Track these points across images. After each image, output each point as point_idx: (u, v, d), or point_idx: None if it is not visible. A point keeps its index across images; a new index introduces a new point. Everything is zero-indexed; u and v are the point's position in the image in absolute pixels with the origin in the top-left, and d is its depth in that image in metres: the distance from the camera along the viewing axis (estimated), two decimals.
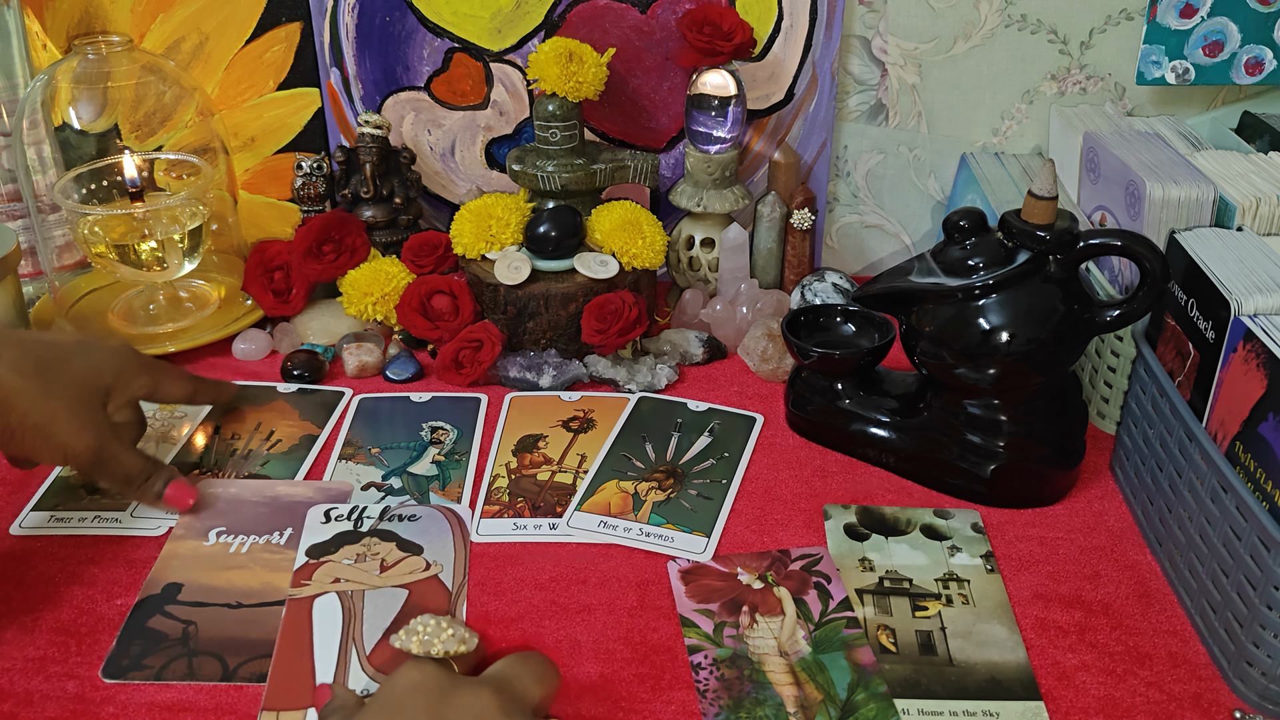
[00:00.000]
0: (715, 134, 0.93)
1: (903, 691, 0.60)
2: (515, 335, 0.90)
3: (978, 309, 0.69)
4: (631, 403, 0.85)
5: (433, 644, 0.55)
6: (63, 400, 0.66)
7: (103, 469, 0.68)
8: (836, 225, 1.05)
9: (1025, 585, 0.68)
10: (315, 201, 0.97)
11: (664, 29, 0.96)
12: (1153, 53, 0.91)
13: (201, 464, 0.78)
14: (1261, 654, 0.57)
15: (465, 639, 0.56)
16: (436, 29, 0.97)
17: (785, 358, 0.89)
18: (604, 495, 0.75)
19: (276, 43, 0.99)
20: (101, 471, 0.68)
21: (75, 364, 0.68)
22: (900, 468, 0.78)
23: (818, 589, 0.67)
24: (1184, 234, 0.72)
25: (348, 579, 0.67)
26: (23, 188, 0.93)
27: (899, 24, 0.95)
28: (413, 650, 0.55)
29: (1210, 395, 0.65)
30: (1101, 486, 0.77)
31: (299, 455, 0.79)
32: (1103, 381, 0.81)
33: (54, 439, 0.65)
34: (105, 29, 0.97)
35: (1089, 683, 0.61)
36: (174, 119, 0.99)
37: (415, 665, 0.53)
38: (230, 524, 0.72)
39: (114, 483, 0.69)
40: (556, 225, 0.88)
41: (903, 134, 1.00)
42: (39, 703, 0.59)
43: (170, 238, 0.91)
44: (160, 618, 0.64)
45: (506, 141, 1.02)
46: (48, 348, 0.68)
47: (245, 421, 0.83)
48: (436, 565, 0.69)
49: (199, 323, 0.94)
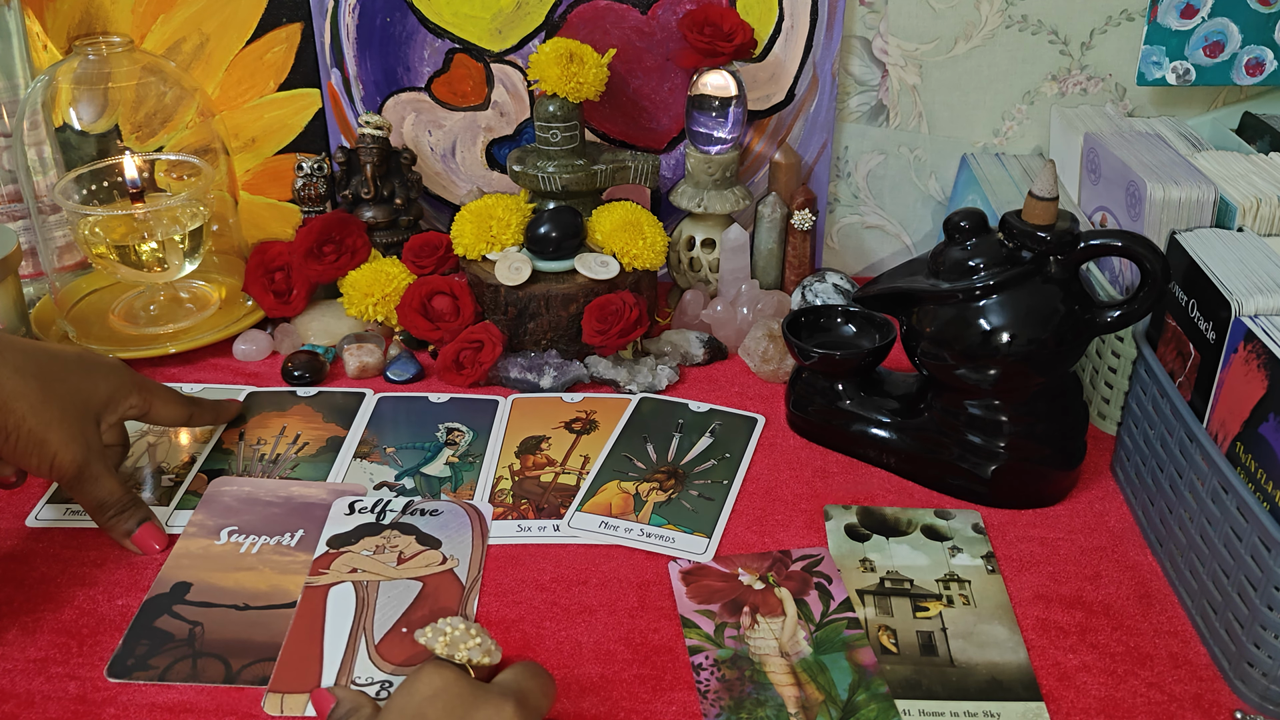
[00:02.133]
0: (716, 135, 0.93)
1: (904, 692, 0.60)
2: (516, 336, 0.90)
3: (978, 310, 0.69)
4: (633, 403, 0.85)
5: (457, 649, 0.54)
6: (59, 409, 0.66)
7: (82, 488, 0.68)
8: (837, 226, 1.05)
9: (1026, 586, 0.68)
10: (316, 202, 0.97)
11: (665, 30, 0.96)
12: (1153, 53, 0.91)
13: (229, 470, 0.78)
14: (1262, 654, 0.58)
15: (490, 651, 0.54)
16: (437, 30, 0.98)
17: (786, 358, 0.89)
18: (605, 496, 0.75)
19: (277, 43, 0.99)
20: (80, 490, 0.68)
21: (74, 376, 0.68)
22: (901, 468, 0.78)
23: (819, 589, 0.67)
24: (1185, 235, 0.72)
25: (365, 569, 0.68)
26: (23, 188, 0.93)
27: (900, 25, 0.95)
28: (436, 651, 0.54)
29: (1211, 396, 0.65)
30: (1102, 487, 0.77)
31: (327, 457, 0.79)
32: (1103, 382, 0.81)
33: (45, 446, 0.65)
34: (106, 30, 0.97)
35: (1090, 683, 0.61)
36: (175, 120, 0.99)
37: (436, 671, 0.52)
38: (242, 524, 0.72)
39: (88, 505, 0.69)
40: (557, 226, 0.88)
41: (903, 135, 1.00)
42: (40, 703, 0.59)
43: (171, 238, 0.91)
44: (168, 618, 0.65)
45: (507, 142, 1.02)
46: (50, 356, 0.68)
47: (269, 426, 0.83)
48: (453, 559, 0.69)
49: (199, 323, 0.94)
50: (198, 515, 0.73)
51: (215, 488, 0.76)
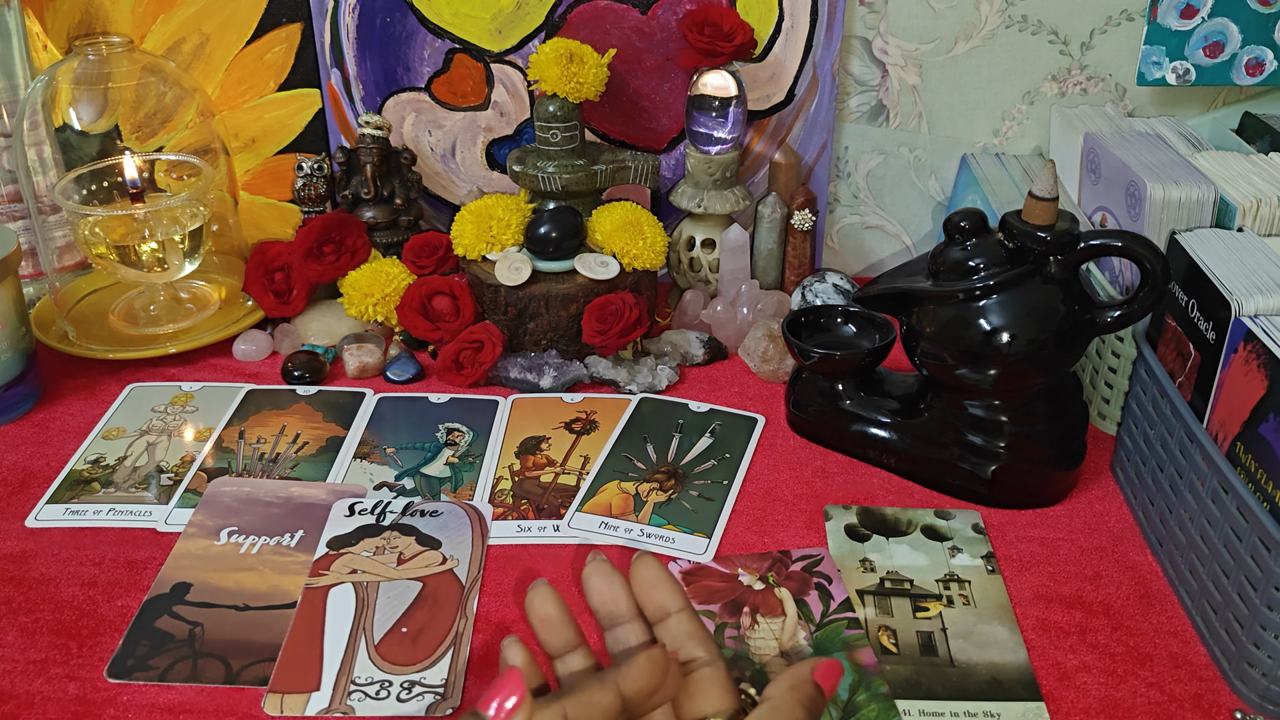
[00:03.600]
0: (716, 135, 0.93)
1: (904, 692, 0.60)
2: (516, 336, 0.90)
3: (978, 310, 0.69)
4: (633, 404, 0.85)
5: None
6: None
7: None
8: (837, 226, 1.05)
9: (1026, 586, 0.68)
10: (316, 202, 0.97)
11: (665, 30, 0.96)
12: (1153, 53, 0.91)
13: (229, 469, 0.78)
14: (1262, 654, 0.58)
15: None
16: (437, 30, 0.98)
17: (786, 358, 0.89)
18: (605, 496, 0.75)
19: (277, 44, 0.99)
20: None
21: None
22: (901, 468, 0.78)
23: (819, 590, 0.67)
24: (1184, 235, 0.72)
25: (364, 570, 0.68)
26: (23, 189, 0.93)
27: (900, 25, 0.95)
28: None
29: (1211, 396, 0.65)
30: (1102, 487, 0.77)
31: (327, 457, 0.79)
32: (1103, 382, 0.81)
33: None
34: (106, 30, 0.97)
35: (1090, 683, 0.61)
36: (174, 120, 0.99)
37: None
38: (242, 524, 0.72)
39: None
40: (557, 226, 0.88)
41: (903, 135, 1.00)
42: (40, 704, 0.59)
43: (171, 239, 0.91)
44: (168, 618, 0.65)
45: (507, 142, 1.02)
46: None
47: (269, 425, 0.83)
48: (453, 560, 0.69)
49: (199, 323, 0.94)
50: (198, 515, 0.73)
51: (215, 488, 0.76)
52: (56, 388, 0.88)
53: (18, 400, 0.84)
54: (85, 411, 0.85)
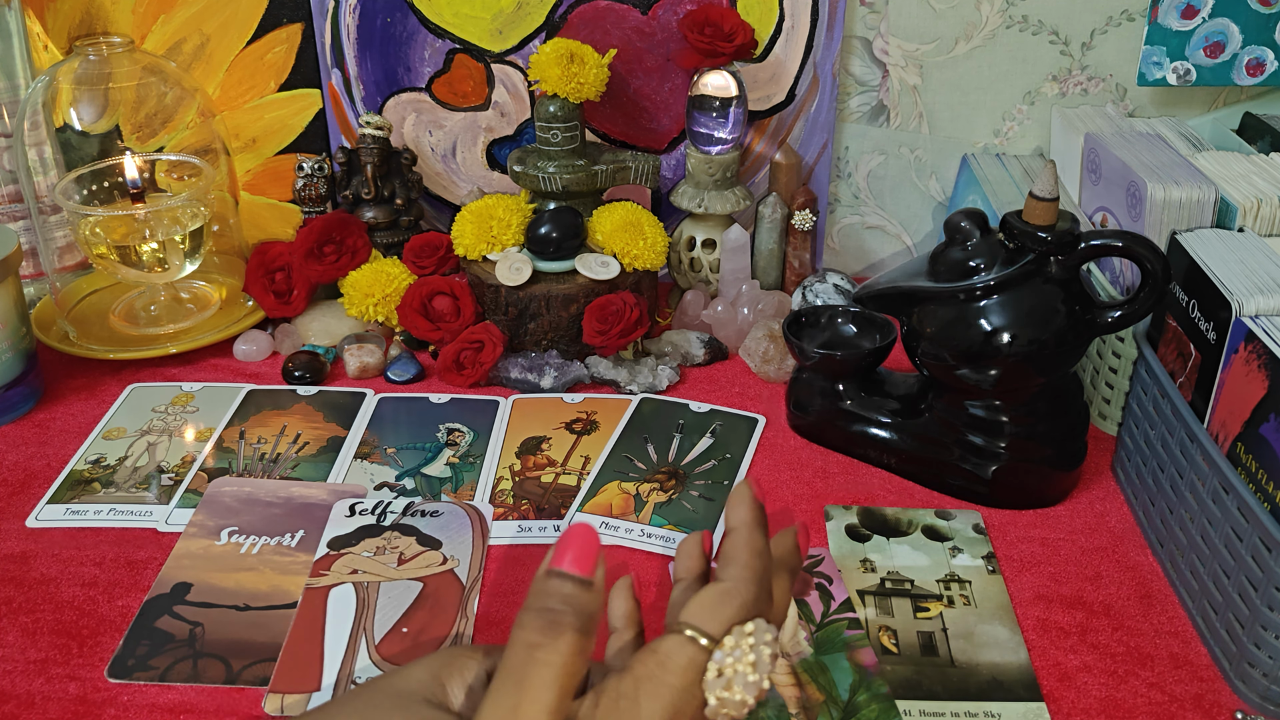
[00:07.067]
0: (716, 135, 0.93)
1: (904, 692, 0.60)
2: (516, 336, 0.90)
3: (979, 310, 0.69)
4: (633, 404, 0.85)
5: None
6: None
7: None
8: (838, 226, 1.05)
9: (1026, 586, 0.68)
10: (316, 203, 0.97)
11: (665, 30, 0.96)
12: (1154, 54, 0.91)
13: (229, 469, 0.78)
14: (1263, 655, 0.58)
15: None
16: (438, 30, 0.98)
17: (786, 359, 0.89)
18: (605, 496, 0.75)
19: (277, 44, 0.99)
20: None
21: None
22: (901, 469, 0.78)
23: (819, 590, 0.67)
24: (1185, 235, 0.72)
25: (365, 570, 0.68)
26: (24, 189, 0.93)
27: (900, 25, 0.95)
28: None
29: (1211, 396, 0.65)
30: (1103, 487, 0.77)
31: (328, 457, 0.79)
32: (1104, 382, 0.81)
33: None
34: (106, 30, 0.97)
35: (1090, 684, 0.61)
36: (175, 120, 1.00)
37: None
38: (243, 524, 0.72)
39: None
40: (558, 226, 0.88)
41: (904, 135, 1.00)
42: (40, 704, 0.59)
43: (171, 239, 0.91)
44: (168, 618, 0.65)
45: (507, 142, 1.02)
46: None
47: (269, 425, 0.83)
48: (453, 560, 0.69)
49: (200, 324, 0.94)
50: (198, 515, 0.73)
51: (215, 488, 0.76)
52: (57, 388, 0.88)
53: (18, 400, 0.84)
54: (86, 411, 0.85)
